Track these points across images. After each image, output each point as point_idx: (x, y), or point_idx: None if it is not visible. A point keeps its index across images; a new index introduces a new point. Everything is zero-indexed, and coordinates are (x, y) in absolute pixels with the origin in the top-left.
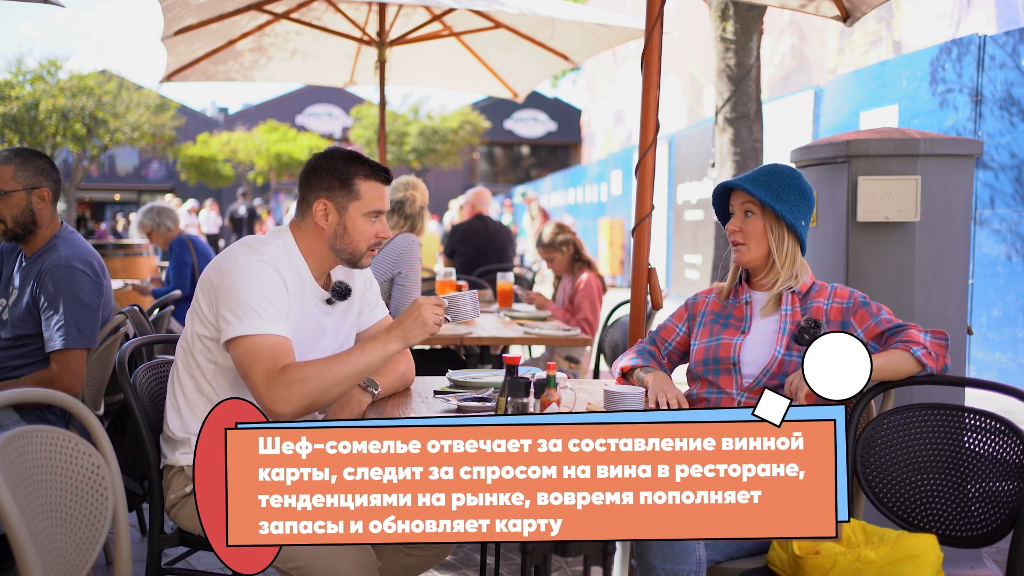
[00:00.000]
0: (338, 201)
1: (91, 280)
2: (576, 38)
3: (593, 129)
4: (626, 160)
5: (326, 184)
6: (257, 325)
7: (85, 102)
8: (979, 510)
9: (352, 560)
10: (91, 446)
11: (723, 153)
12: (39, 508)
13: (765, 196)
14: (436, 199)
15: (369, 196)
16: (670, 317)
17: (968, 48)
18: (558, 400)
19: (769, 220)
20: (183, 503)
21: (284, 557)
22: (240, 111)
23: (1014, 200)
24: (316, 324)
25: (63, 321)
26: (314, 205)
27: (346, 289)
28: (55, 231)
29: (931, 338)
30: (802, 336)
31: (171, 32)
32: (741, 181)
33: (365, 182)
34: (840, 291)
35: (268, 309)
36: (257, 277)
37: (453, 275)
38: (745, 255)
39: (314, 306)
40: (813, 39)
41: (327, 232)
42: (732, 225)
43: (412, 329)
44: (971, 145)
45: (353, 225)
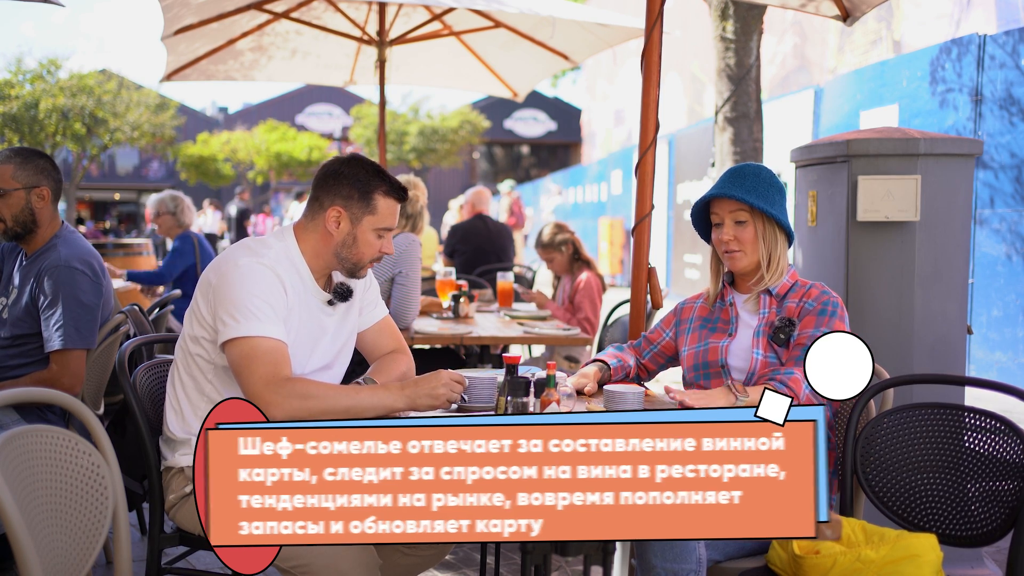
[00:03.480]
0: (353, 212)
1: (90, 280)
2: (576, 37)
3: (593, 129)
4: (626, 160)
5: (345, 192)
6: (255, 327)
7: (85, 101)
8: (979, 510)
9: (353, 558)
10: (91, 446)
11: (723, 153)
12: (39, 508)
13: (756, 201)
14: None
15: (384, 213)
16: (659, 321)
17: (968, 48)
18: (558, 400)
19: (760, 224)
20: (182, 503)
21: (285, 556)
22: (240, 110)
23: (1014, 200)
24: (317, 325)
25: (62, 321)
26: (328, 210)
27: (347, 290)
28: (56, 231)
29: (808, 393)
30: (777, 336)
31: (171, 31)
32: (728, 190)
33: (384, 199)
34: (812, 291)
35: (266, 312)
36: (255, 280)
37: (453, 275)
38: (741, 261)
39: (315, 307)
40: (814, 39)
41: (335, 239)
42: (725, 235)
43: (421, 397)
44: (971, 145)
45: (363, 238)
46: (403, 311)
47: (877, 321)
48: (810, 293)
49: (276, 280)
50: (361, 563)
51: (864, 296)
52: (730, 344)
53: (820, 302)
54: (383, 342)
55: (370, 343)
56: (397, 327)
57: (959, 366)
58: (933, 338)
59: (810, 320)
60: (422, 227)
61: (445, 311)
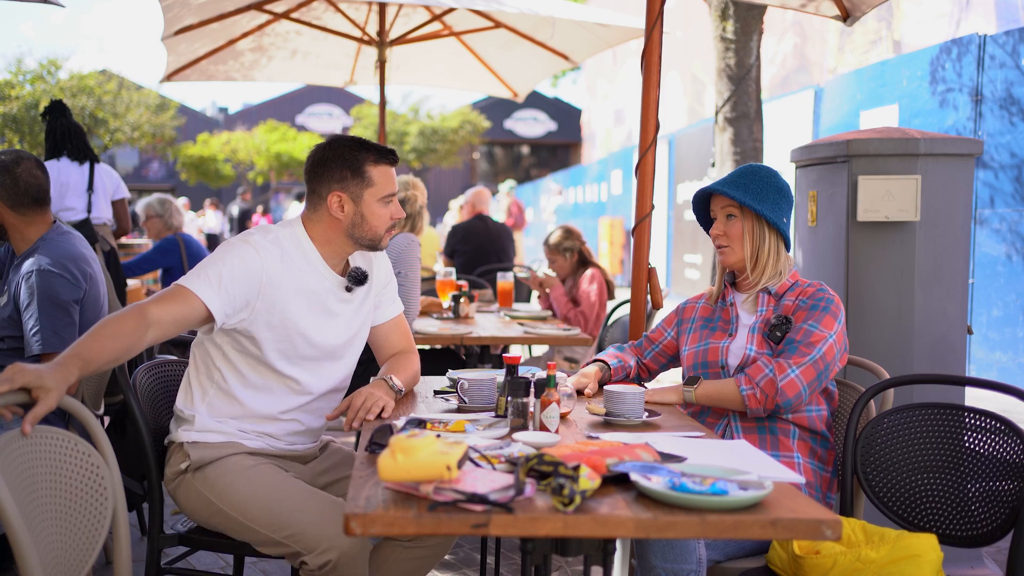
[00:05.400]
0: (352, 191)
1: (68, 283)
2: (576, 38)
3: (593, 129)
4: (626, 160)
5: (338, 175)
6: (191, 281)
7: (85, 102)
8: (979, 510)
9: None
10: (91, 446)
11: (723, 153)
12: (39, 508)
13: (744, 197)
14: (436, 199)
15: (381, 181)
16: (661, 320)
17: (968, 48)
18: (558, 400)
19: (750, 221)
20: (179, 480)
21: (277, 525)
22: (240, 111)
23: (1014, 200)
24: (323, 309)
25: (39, 326)
26: (328, 198)
27: (363, 275)
28: (43, 233)
29: (768, 376)
30: (773, 333)
31: (171, 32)
32: (719, 185)
33: (375, 167)
34: (808, 290)
35: (212, 277)
36: (229, 252)
37: (453, 275)
38: (730, 257)
39: (325, 291)
40: (814, 39)
41: (344, 222)
42: (715, 229)
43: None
44: (971, 145)
45: (370, 212)
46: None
47: (877, 321)
48: (806, 291)
49: (254, 258)
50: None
51: (864, 296)
52: (730, 344)
53: (814, 298)
54: (395, 339)
55: (382, 338)
56: (409, 328)
57: (959, 366)
58: (933, 338)
59: (801, 315)
60: (422, 227)
61: (445, 311)
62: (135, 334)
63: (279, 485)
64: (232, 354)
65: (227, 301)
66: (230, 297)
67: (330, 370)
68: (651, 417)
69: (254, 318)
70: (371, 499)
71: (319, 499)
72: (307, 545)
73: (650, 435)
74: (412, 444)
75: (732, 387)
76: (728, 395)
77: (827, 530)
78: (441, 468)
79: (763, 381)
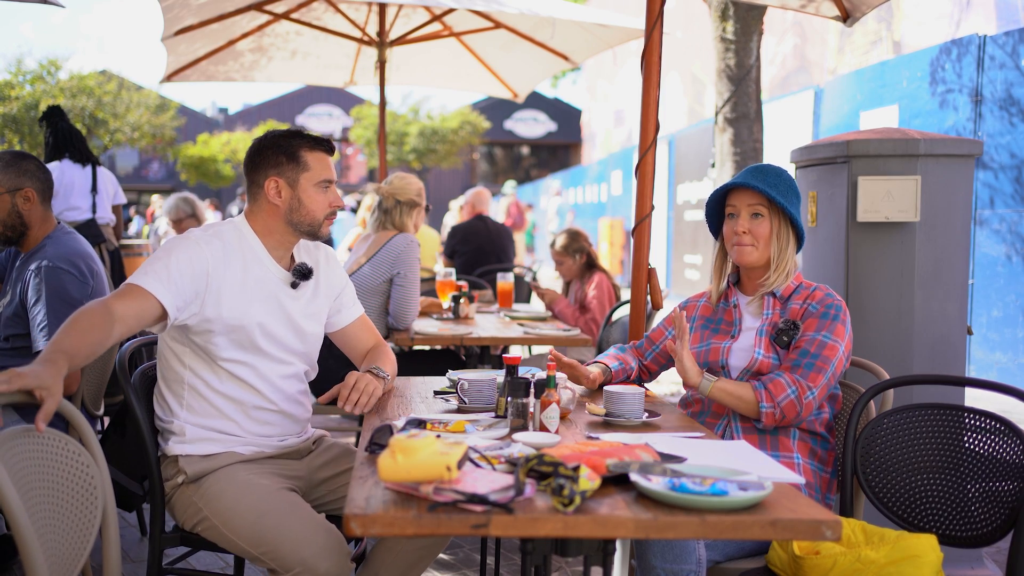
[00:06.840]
0: (288, 175)
1: (76, 280)
2: (576, 38)
3: (593, 129)
4: (626, 160)
5: (273, 161)
6: (141, 279)
7: (85, 102)
8: (979, 510)
9: (321, 543)
10: (79, 445)
11: (723, 153)
12: (34, 506)
13: (777, 196)
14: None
15: (317, 167)
16: (662, 321)
17: (968, 48)
18: (558, 400)
19: (777, 221)
20: (176, 493)
21: (253, 540)
22: (240, 111)
23: (1014, 200)
24: (277, 304)
25: (46, 322)
26: (265, 184)
27: (308, 269)
28: (49, 231)
29: (793, 398)
30: (780, 338)
31: (171, 32)
32: (752, 180)
33: (310, 153)
34: (816, 294)
35: (161, 272)
36: (174, 248)
37: (453, 275)
38: (750, 256)
39: (274, 285)
40: (814, 39)
41: (282, 208)
42: (739, 226)
43: None
44: (971, 145)
45: (307, 196)
46: (402, 312)
47: (877, 322)
48: (814, 295)
49: (196, 249)
50: (328, 548)
51: (864, 297)
52: (732, 345)
53: (824, 305)
54: (364, 336)
55: (351, 338)
56: (372, 323)
57: (959, 366)
58: (933, 338)
59: (812, 323)
60: (410, 224)
61: (445, 312)
62: (104, 328)
63: (265, 499)
64: (191, 360)
65: (176, 294)
66: (179, 290)
67: (290, 359)
68: (651, 418)
69: (204, 311)
70: (371, 499)
71: (302, 519)
72: (282, 564)
73: (650, 435)
74: (412, 444)
75: (750, 396)
76: (744, 401)
77: (827, 530)
78: (441, 468)
79: (785, 402)
